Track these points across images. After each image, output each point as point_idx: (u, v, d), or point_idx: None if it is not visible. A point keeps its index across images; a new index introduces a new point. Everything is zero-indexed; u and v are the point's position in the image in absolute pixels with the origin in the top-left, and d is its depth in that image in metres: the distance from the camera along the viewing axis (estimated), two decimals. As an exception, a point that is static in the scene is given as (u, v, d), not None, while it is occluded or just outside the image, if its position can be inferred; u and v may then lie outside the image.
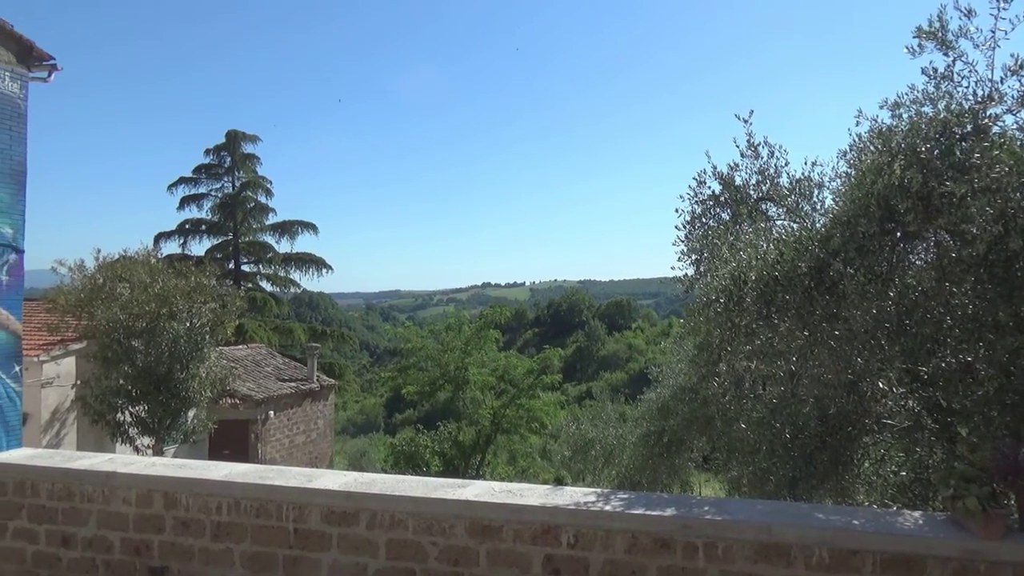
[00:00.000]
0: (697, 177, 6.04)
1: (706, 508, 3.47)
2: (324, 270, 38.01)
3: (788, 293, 4.32)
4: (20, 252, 10.99)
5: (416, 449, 25.41)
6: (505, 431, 25.33)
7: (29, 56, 11.05)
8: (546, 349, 27.91)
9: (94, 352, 15.08)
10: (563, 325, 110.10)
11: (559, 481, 24.42)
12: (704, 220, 5.92)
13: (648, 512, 3.40)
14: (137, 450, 15.23)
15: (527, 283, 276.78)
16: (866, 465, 5.57)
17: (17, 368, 10.98)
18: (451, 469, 24.01)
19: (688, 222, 5.95)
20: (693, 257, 5.71)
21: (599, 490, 3.82)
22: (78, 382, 15.59)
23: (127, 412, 15.16)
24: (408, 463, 24.75)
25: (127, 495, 4.21)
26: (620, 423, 16.97)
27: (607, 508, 3.47)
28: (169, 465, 4.40)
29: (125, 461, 4.54)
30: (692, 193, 6.03)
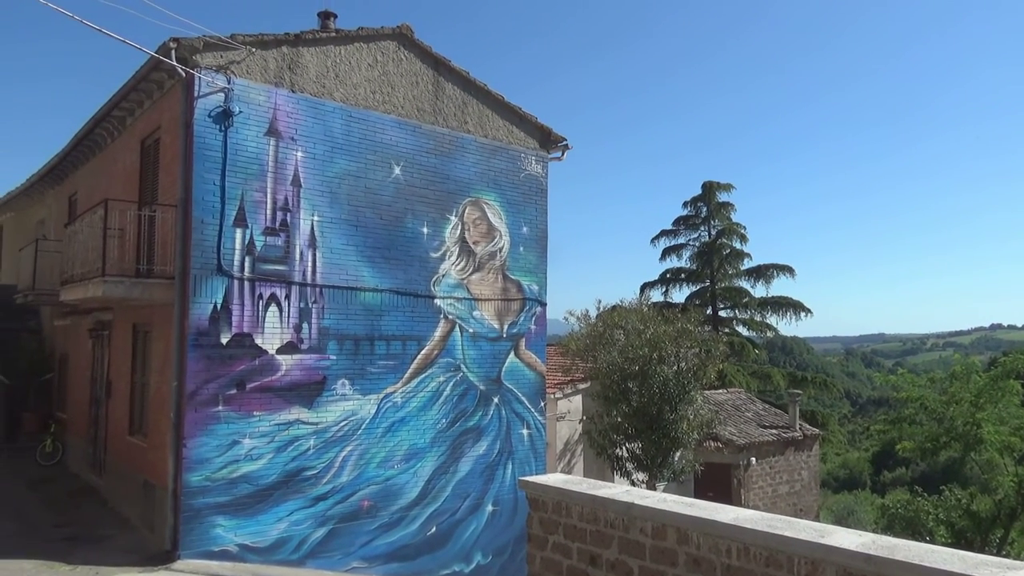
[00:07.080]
0: None
1: None
2: (802, 313, 36.74)
3: None
4: (544, 305, 13.09)
5: (915, 514, 22.53)
6: (1037, 505, 20.85)
7: (548, 141, 13.24)
8: (1095, 407, 22.32)
9: (597, 391, 16.92)
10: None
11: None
12: None
13: None
14: (633, 484, 16.50)
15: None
16: None
17: (543, 403, 12.97)
18: (962, 543, 20.61)
19: None
20: None
21: None
22: (584, 418, 17.58)
23: (624, 448, 16.63)
24: (905, 529, 22.01)
25: (644, 526, 4.56)
26: None
27: None
28: (679, 503, 4.64)
29: (641, 494, 4.93)
30: None
